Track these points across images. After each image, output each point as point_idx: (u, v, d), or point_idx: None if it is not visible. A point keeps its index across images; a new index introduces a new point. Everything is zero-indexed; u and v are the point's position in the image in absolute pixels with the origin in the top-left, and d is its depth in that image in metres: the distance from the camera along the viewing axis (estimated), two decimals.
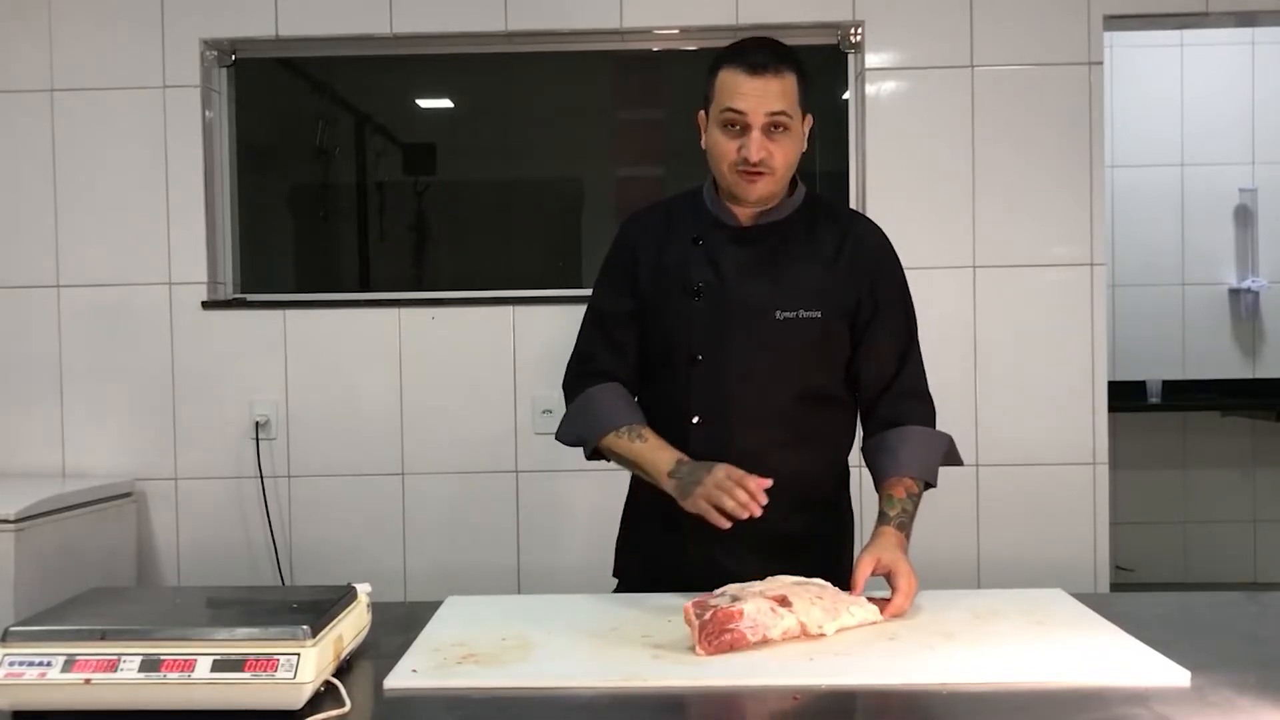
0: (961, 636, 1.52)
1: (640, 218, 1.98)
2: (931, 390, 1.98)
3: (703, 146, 1.86)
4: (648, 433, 1.83)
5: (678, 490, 1.74)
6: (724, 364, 1.84)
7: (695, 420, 1.85)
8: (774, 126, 1.76)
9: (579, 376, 1.95)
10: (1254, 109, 4.81)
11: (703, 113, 1.85)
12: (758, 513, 1.65)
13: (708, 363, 1.84)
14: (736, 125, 1.77)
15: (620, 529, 2.02)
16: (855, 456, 2.00)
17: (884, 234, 1.95)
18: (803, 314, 1.83)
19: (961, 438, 3.00)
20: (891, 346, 1.89)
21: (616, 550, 2.03)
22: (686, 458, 1.78)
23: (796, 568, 1.82)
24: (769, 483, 1.67)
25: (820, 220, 1.91)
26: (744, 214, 1.87)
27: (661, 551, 1.89)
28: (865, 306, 1.87)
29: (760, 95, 1.74)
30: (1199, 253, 4.83)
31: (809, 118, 1.84)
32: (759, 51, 1.77)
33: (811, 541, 1.91)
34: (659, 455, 1.80)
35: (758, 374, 1.84)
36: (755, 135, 1.75)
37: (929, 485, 1.89)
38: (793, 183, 1.90)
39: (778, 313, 1.83)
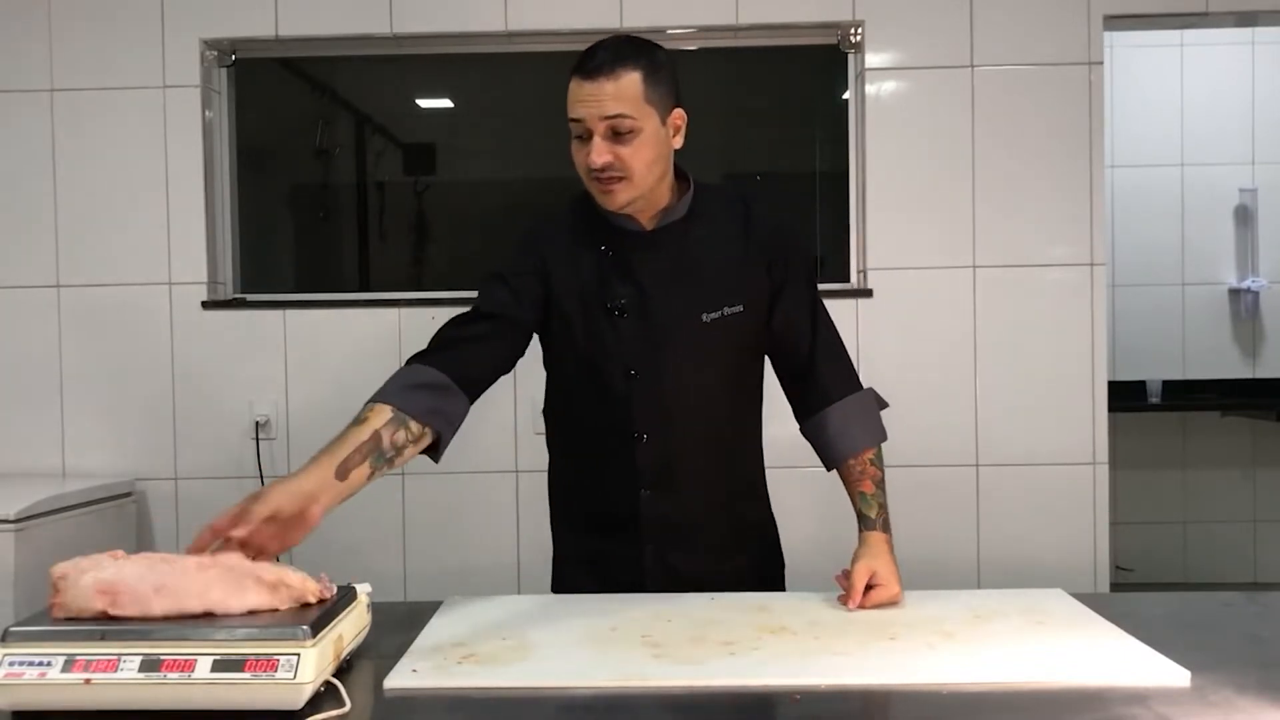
0: (961, 636, 1.52)
1: (548, 230, 1.87)
2: (932, 390, 1.99)
3: None
4: (366, 422, 1.59)
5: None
6: (660, 376, 1.81)
7: (639, 436, 1.83)
8: (617, 130, 1.69)
9: (423, 351, 1.76)
10: (1254, 109, 4.81)
11: None
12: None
13: (643, 377, 1.81)
14: (581, 134, 1.71)
15: (554, 544, 2.00)
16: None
17: (779, 211, 1.91)
18: (727, 311, 1.81)
19: (961, 438, 3.05)
20: (804, 314, 1.87)
21: (555, 564, 2.00)
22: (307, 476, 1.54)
23: (742, 559, 1.90)
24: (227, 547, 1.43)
25: (719, 209, 1.86)
26: (645, 219, 1.82)
27: (611, 558, 1.88)
28: (775, 280, 1.85)
29: (594, 100, 1.68)
30: (1199, 253, 4.83)
31: (679, 112, 1.77)
32: (597, 54, 1.71)
33: (750, 530, 1.95)
34: (324, 450, 1.58)
35: (694, 381, 1.83)
36: (596, 141, 1.69)
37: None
38: (685, 179, 1.86)
39: (704, 315, 1.80)
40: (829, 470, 1.89)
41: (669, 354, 1.81)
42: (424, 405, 1.66)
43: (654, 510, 1.85)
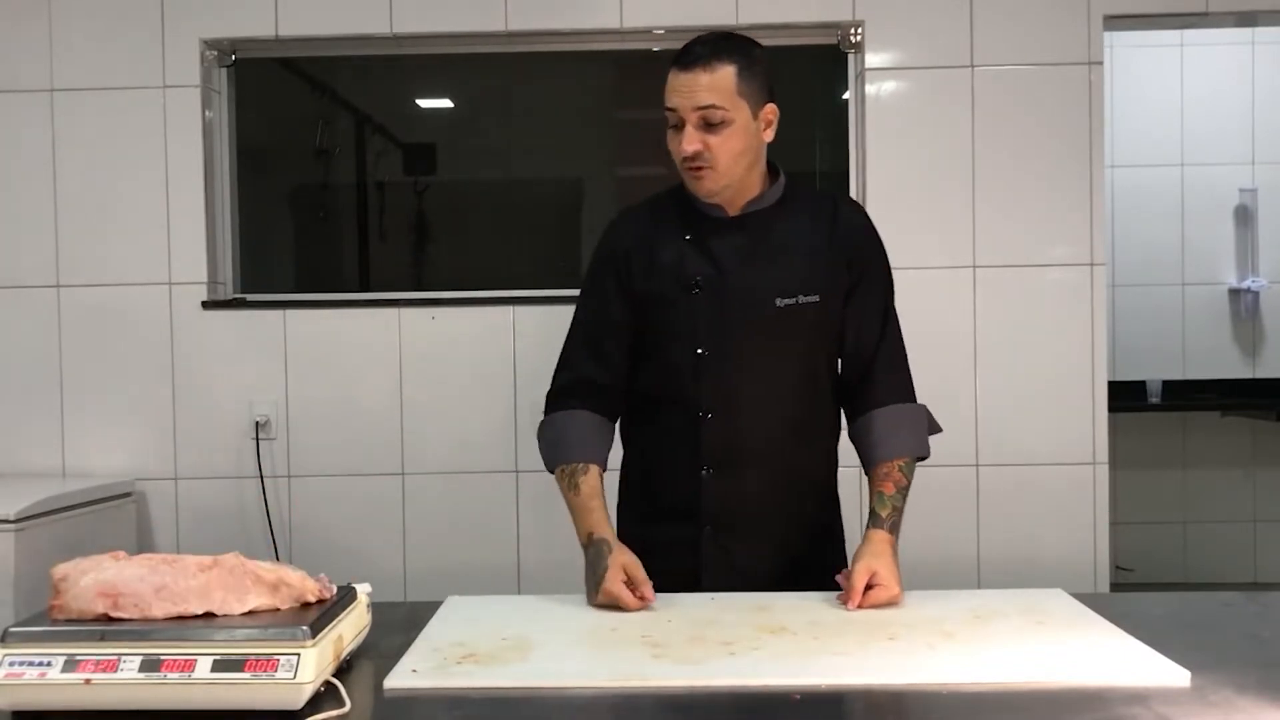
0: (961, 636, 1.52)
1: (626, 219, 1.99)
2: (932, 390, 2.00)
3: None
4: (585, 482, 1.85)
5: (586, 577, 1.78)
6: (728, 356, 1.85)
7: (704, 415, 1.87)
8: (709, 120, 1.77)
9: (558, 392, 1.96)
10: (1254, 109, 4.81)
11: None
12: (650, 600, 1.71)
13: (712, 356, 1.85)
14: (675, 123, 1.80)
15: (620, 524, 2.02)
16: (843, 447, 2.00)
17: (866, 214, 1.97)
18: (802, 299, 1.84)
19: (961, 438, 3.04)
20: (875, 314, 1.91)
21: None
22: (599, 532, 1.80)
23: (801, 557, 1.89)
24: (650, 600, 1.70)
25: (806, 205, 1.92)
26: (730, 205, 1.88)
27: (671, 544, 1.91)
28: (854, 278, 1.89)
29: (689, 90, 1.77)
30: (1199, 253, 4.83)
31: (771, 107, 1.84)
32: (696, 46, 1.81)
33: (813, 527, 1.95)
34: (579, 519, 1.85)
35: (762, 365, 1.86)
36: (688, 130, 1.78)
37: (921, 457, 1.92)
38: (775, 172, 1.91)
39: (778, 300, 1.84)
40: (867, 473, 1.91)
41: (738, 334, 1.84)
42: (605, 455, 1.92)
43: (715, 491, 1.88)
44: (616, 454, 2.04)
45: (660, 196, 1.98)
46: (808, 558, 1.91)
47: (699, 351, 1.85)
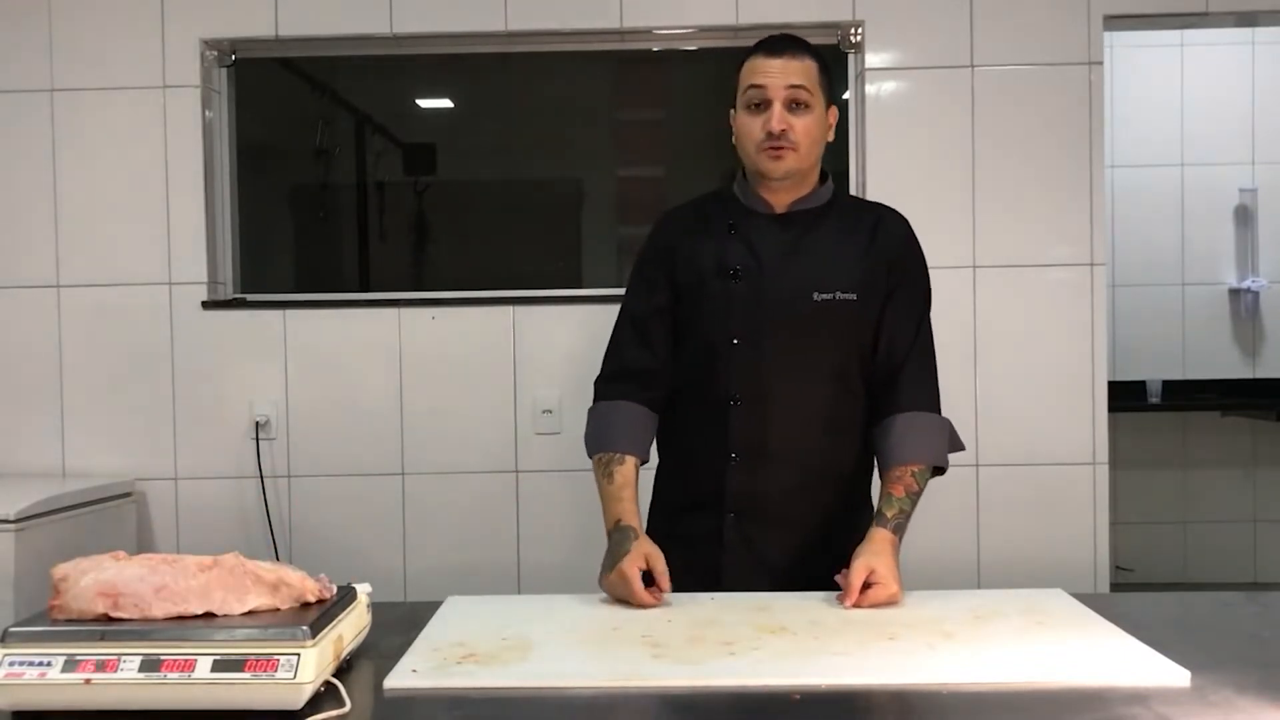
0: (961, 636, 1.52)
1: (674, 215, 2.04)
2: None
3: (734, 142, 1.94)
4: (619, 471, 1.89)
5: (604, 561, 1.81)
6: (761, 347, 1.89)
7: (733, 403, 1.89)
8: (795, 103, 1.85)
9: (606, 379, 2.00)
10: (1254, 109, 4.81)
11: (733, 109, 1.93)
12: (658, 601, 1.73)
13: (745, 346, 1.89)
14: (760, 103, 1.86)
15: (650, 518, 2.04)
16: None
17: (910, 225, 2.01)
18: (839, 295, 1.88)
19: (962, 438, 3.03)
20: (908, 321, 1.95)
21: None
22: (626, 520, 1.84)
23: (829, 555, 1.88)
24: (661, 598, 1.73)
25: (851, 210, 1.99)
26: (777, 202, 1.93)
27: (696, 536, 1.93)
28: (892, 283, 1.93)
29: (779, 72, 1.85)
30: (1199, 253, 4.83)
31: (834, 110, 1.93)
32: (780, 39, 1.90)
33: (840, 526, 1.95)
34: (608, 506, 1.88)
35: (794, 358, 1.89)
36: (776, 108, 1.84)
37: (939, 471, 1.94)
38: (823, 176, 1.97)
39: (815, 294, 1.87)
40: (881, 476, 1.93)
41: (773, 325, 1.88)
42: (645, 447, 1.96)
43: (740, 479, 1.90)
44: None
45: (704, 197, 2.04)
46: (832, 553, 1.89)
47: (733, 341, 1.89)
